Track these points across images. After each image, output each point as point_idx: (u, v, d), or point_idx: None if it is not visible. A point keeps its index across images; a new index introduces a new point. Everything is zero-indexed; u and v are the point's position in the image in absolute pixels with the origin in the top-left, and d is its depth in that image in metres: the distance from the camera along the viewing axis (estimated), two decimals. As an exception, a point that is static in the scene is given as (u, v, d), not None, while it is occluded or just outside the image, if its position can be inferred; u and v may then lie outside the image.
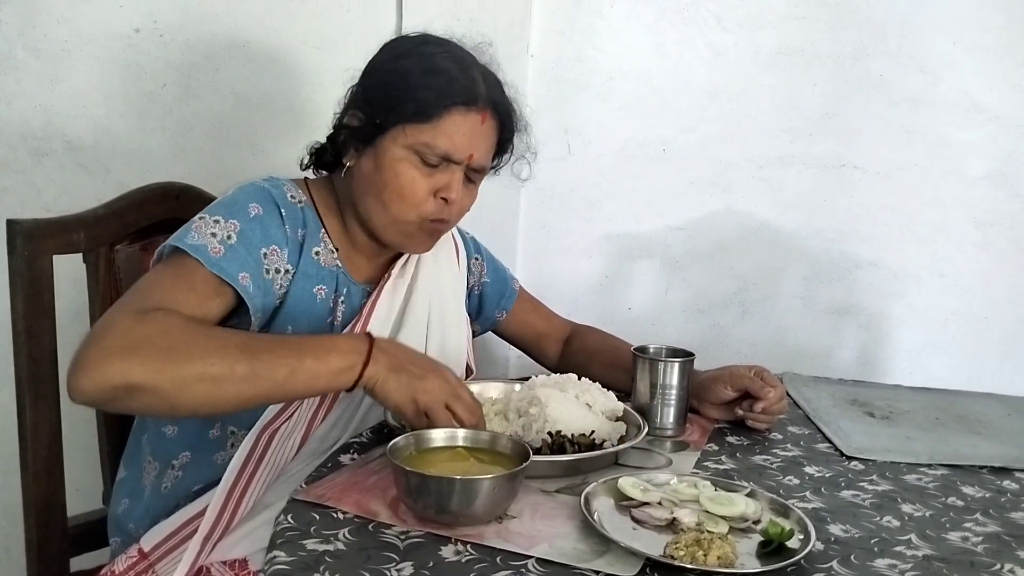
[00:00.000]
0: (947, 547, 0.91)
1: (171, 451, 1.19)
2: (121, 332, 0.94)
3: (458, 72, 1.16)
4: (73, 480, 1.27)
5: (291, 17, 1.78)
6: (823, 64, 1.96)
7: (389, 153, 1.15)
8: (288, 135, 1.81)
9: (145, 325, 0.95)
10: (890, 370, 2.04)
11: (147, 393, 0.92)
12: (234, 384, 0.95)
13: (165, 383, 0.92)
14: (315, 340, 1.03)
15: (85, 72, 1.64)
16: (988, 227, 2.00)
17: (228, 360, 0.94)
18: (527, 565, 0.80)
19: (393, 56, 1.20)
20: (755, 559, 0.84)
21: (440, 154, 1.15)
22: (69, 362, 0.93)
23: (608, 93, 1.99)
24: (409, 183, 1.15)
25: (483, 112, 1.18)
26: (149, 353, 0.92)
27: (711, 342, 2.05)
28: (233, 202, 1.14)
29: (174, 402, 0.94)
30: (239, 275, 1.07)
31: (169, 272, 1.06)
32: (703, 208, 2.03)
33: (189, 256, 1.05)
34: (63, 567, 1.26)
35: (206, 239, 1.07)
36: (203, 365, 0.93)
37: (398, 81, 1.16)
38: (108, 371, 0.90)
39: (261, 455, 1.07)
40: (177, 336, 0.96)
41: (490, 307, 1.49)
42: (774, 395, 1.26)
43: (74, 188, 1.65)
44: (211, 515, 1.04)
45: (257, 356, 0.96)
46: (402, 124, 1.14)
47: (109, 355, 0.91)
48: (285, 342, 1.02)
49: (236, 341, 0.98)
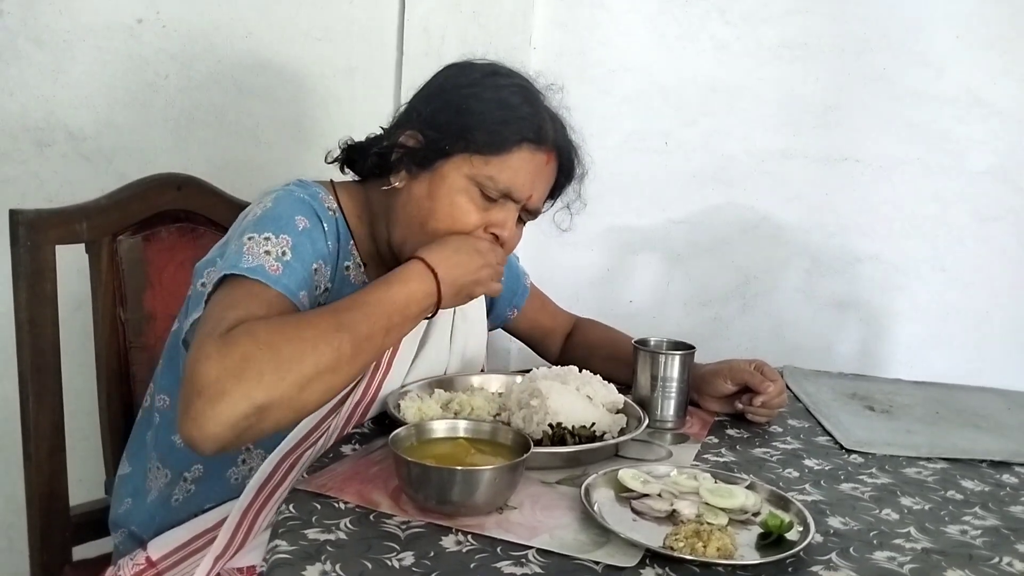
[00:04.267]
0: (946, 540, 0.91)
1: (183, 462, 1.16)
2: (218, 364, 0.87)
3: (530, 109, 1.14)
4: (75, 470, 1.28)
5: (293, 8, 1.78)
6: (825, 58, 1.96)
7: (448, 181, 1.12)
8: (290, 127, 1.82)
9: (239, 346, 0.89)
10: (890, 364, 2.04)
11: (274, 409, 0.89)
12: (347, 365, 0.94)
13: (289, 391, 0.89)
14: (388, 288, 1.02)
15: (87, 63, 1.64)
16: (989, 221, 2.00)
17: (333, 345, 0.93)
18: (527, 555, 0.81)
19: (461, 83, 1.16)
20: (754, 551, 0.85)
21: (502, 189, 1.12)
22: (180, 419, 0.88)
23: (610, 86, 1.99)
24: (463, 215, 1.12)
25: (549, 153, 1.16)
26: (261, 369, 0.88)
27: (712, 335, 2.05)
28: (279, 216, 1.08)
29: (300, 407, 0.92)
30: (300, 293, 1.04)
31: (236, 295, 0.99)
32: (705, 201, 2.03)
33: (248, 279, 1.00)
34: (66, 556, 1.26)
35: (261, 259, 1.02)
36: (315, 359, 0.91)
37: (468, 109, 1.12)
38: (226, 411, 0.86)
39: (280, 480, 1.05)
40: (275, 340, 0.90)
41: (503, 305, 1.47)
42: (774, 389, 1.26)
43: (76, 179, 1.66)
44: (225, 535, 1.02)
45: (350, 328, 0.95)
46: (468, 153, 1.11)
47: (219, 394, 0.86)
48: (362, 303, 1.00)
49: (327, 322, 0.95)
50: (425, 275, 1.04)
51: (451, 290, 1.06)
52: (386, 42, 1.86)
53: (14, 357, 1.20)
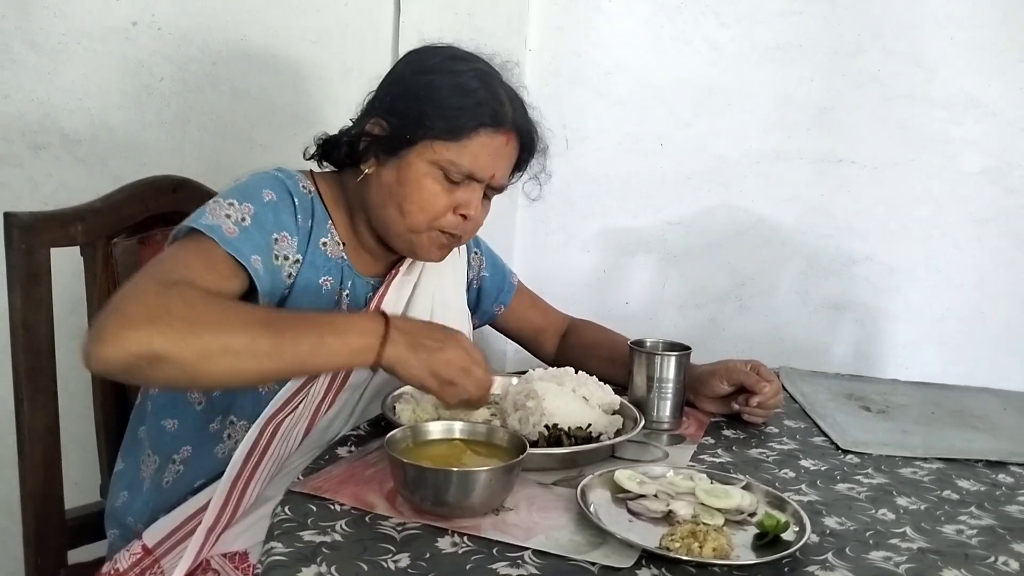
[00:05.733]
0: (942, 540, 0.92)
1: (172, 445, 1.19)
2: (144, 301, 0.92)
3: (487, 93, 1.17)
4: (70, 473, 1.27)
5: (289, 11, 1.78)
6: (820, 59, 1.96)
7: (414, 167, 1.16)
8: (285, 129, 1.81)
9: (169, 296, 0.94)
10: (886, 365, 2.04)
11: (168, 363, 0.89)
12: (256, 359, 0.94)
13: (188, 354, 0.90)
14: (334, 317, 1.06)
15: (82, 66, 1.64)
16: (984, 223, 2.01)
17: (251, 334, 0.94)
18: (523, 556, 0.81)
19: (421, 69, 1.20)
20: (750, 551, 0.85)
21: (464, 172, 1.16)
22: (88, 332, 0.90)
23: (605, 88, 1.99)
24: (431, 197, 1.17)
25: (508, 134, 1.19)
26: (172, 323, 0.91)
27: (708, 336, 2.06)
28: (248, 187, 1.14)
29: (195, 373, 0.92)
30: (252, 257, 1.08)
31: (188, 248, 1.06)
32: (700, 203, 2.03)
33: (204, 236, 1.05)
34: (61, 560, 1.26)
35: (220, 220, 1.08)
36: (227, 338, 0.93)
37: (427, 96, 1.16)
38: (130, 339, 0.88)
39: (265, 447, 1.07)
40: (201, 308, 0.95)
41: (488, 301, 1.49)
42: (770, 389, 1.27)
43: (71, 181, 1.65)
44: (215, 507, 1.03)
45: (280, 332, 0.96)
46: (430, 140, 1.15)
47: (131, 323, 0.89)
48: (305, 318, 1.01)
49: (259, 316, 0.99)
50: (377, 318, 1.02)
51: (403, 340, 1.01)
52: (381, 44, 1.86)
53: (9, 360, 1.20)
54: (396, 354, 1.00)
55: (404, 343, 1.01)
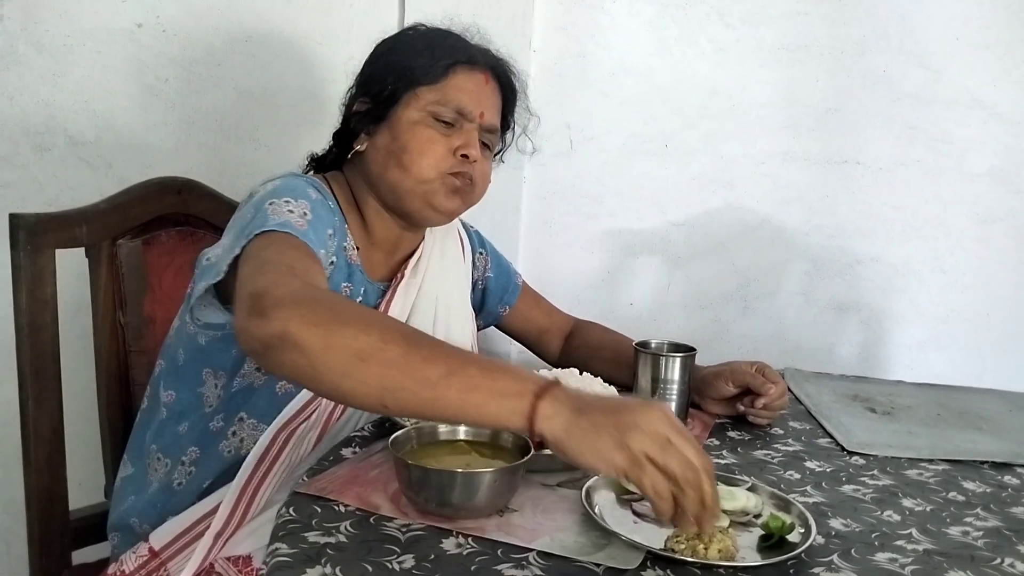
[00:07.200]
0: (948, 541, 0.91)
1: (182, 446, 1.18)
2: (285, 284, 0.87)
3: (455, 40, 1.25)
4: (75, 474, 1.27)
5: (293, 12, 1.78)
6: (825, 60, 1.96)
7: (405, 119, 1.19)
8: (290, 130, 1.81)
9: (308, 286, 0.89)
10: (891, 366, 2.04)
11: (296, 349, 0.81)
12: (380, 366, 0.80)
13: (316, 340, 0.80)
14: (483, 358, 0.85)
15: (87, 67, 1.64)
16: (989, 224, 2.00)
17: (385, 338, 0.81)
18: (528, 558, 0.81)
19: (387, 42, 1.27)
20: (756, 553, 0.85)
21: (454, 108, 1.19)
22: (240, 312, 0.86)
23: (610, 89, 1.99)
24: (427, 143, 1.19)
25: (485, 72, 1.23)
26: (312, 307, 0.83)
27: (712, 338, 2.05)
28: (293, 187, 1.11)
29: (317, 364, 0.81)
30: (320, 250, 1.04)
31: (272, 244, 0.98)
32: (705, 204, 2.03)
33: (278, 232, 1.00)
34: (65, 561, 1.26)
35: (286, 216, 1.03)
36: (357, 333, 0.81)
37: (401, 53, 1.22)
38: (278, 319, 0.82)
39: (277, 454, 1.06)
40: (342, 302, 0.92)
41: (493, 302, 1.49)
42: (775, 391, 1.26)
43: (76, 183, 1.66)
44: (224, 511, 1.03)
45: (416, 345, 0.82)
46: (413, 88, 1.19)
47: (278, 303, 0.83)
48: (453, 348, 0.84)
49: (399, 325, 0.87)
50: (528, 378, 0.82)
51: (570, 406, 0.79)
52: (386, 45, 1.87)
53: (14, 361, 1.20)
54: (558, 412, 0.79)
55: (569, 403, 0.80)
